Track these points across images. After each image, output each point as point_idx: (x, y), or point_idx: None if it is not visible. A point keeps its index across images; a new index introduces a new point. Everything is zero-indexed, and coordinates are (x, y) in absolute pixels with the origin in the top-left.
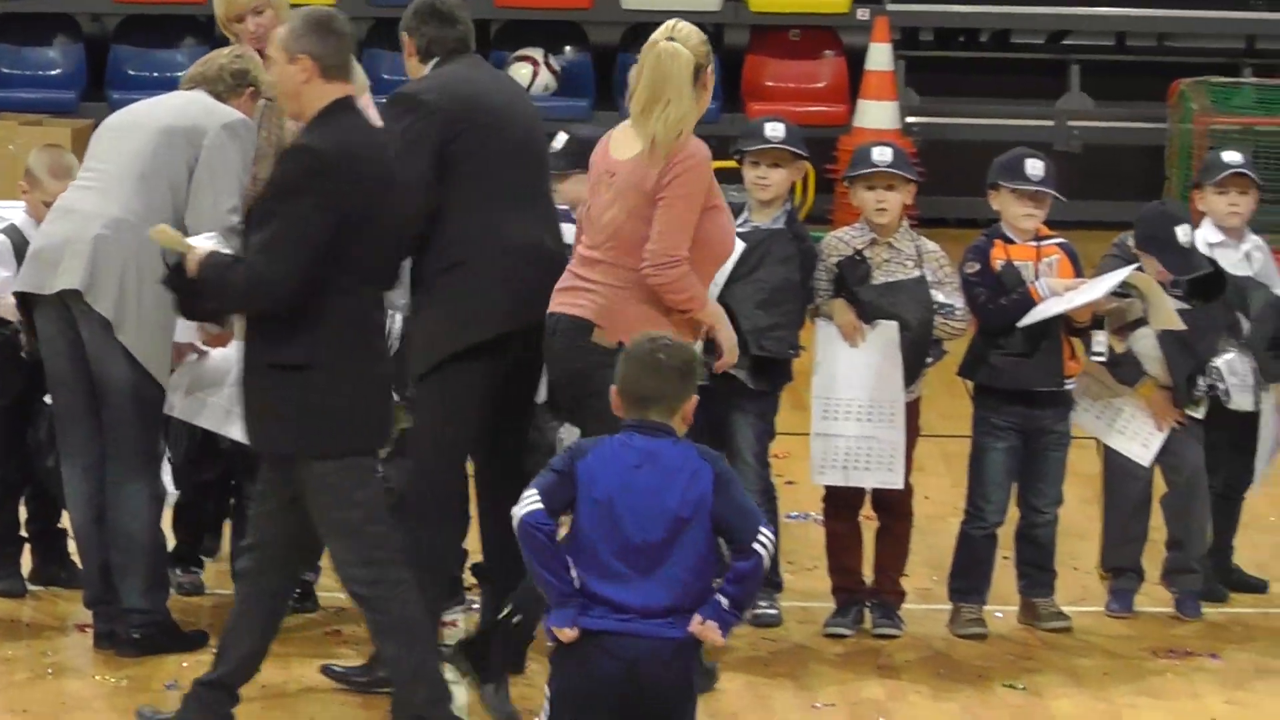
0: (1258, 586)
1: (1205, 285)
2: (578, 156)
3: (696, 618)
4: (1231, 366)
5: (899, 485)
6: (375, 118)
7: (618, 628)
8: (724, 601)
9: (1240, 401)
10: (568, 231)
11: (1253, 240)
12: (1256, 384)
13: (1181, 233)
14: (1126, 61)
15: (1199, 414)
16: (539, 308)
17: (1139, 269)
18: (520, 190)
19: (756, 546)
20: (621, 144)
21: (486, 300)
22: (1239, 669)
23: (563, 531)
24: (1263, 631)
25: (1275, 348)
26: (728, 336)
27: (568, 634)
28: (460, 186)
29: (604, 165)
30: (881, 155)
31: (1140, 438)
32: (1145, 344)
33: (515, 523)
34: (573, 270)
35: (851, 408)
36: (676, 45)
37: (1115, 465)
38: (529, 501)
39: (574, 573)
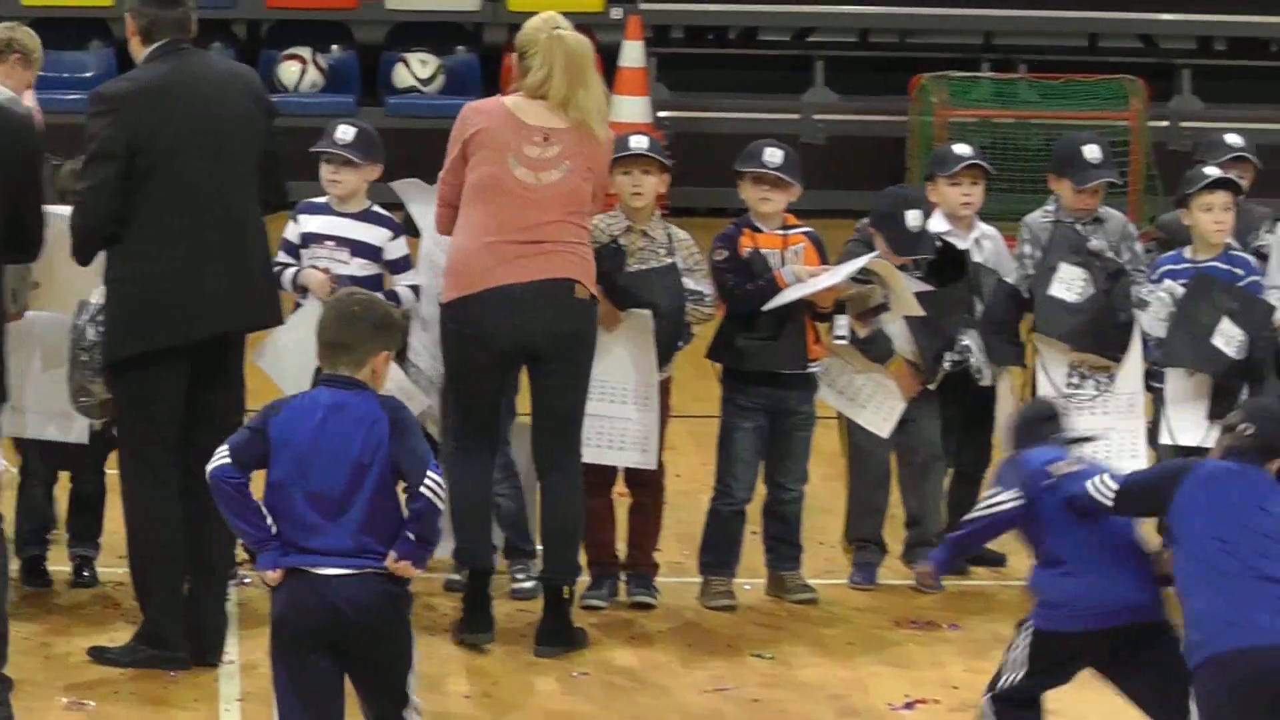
0: (996, 560)
1: (943, 268)
2: (369, 149)
3: (391, 554)
4: (978, 342)
5: (652, 465)
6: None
7: (314, 565)
8: (410, 537)
9: (987, 377)
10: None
11: (981, 228)
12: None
13: (911, 216)
14: (869, 57)
15: (931, 385)
16: (226, 316)
17: (879, 256)
18: (207, 194)
19: (424, 490)
20: (533, 113)
21: (161, 310)
22: (978, 638)
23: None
24: (1000, 603)
25: (1002, 331)
26: None
27: (272, 576)
28: (147, 191)
29: (526, 129)
30: (638, 143)
31: (881, 411)
32: (895, 325)
33: (208, 477)
34: (529, 240)
35: (606, 390)
36: (577, 34)
37: (856, 442)
38: (219, 457)
39: (269, 520)
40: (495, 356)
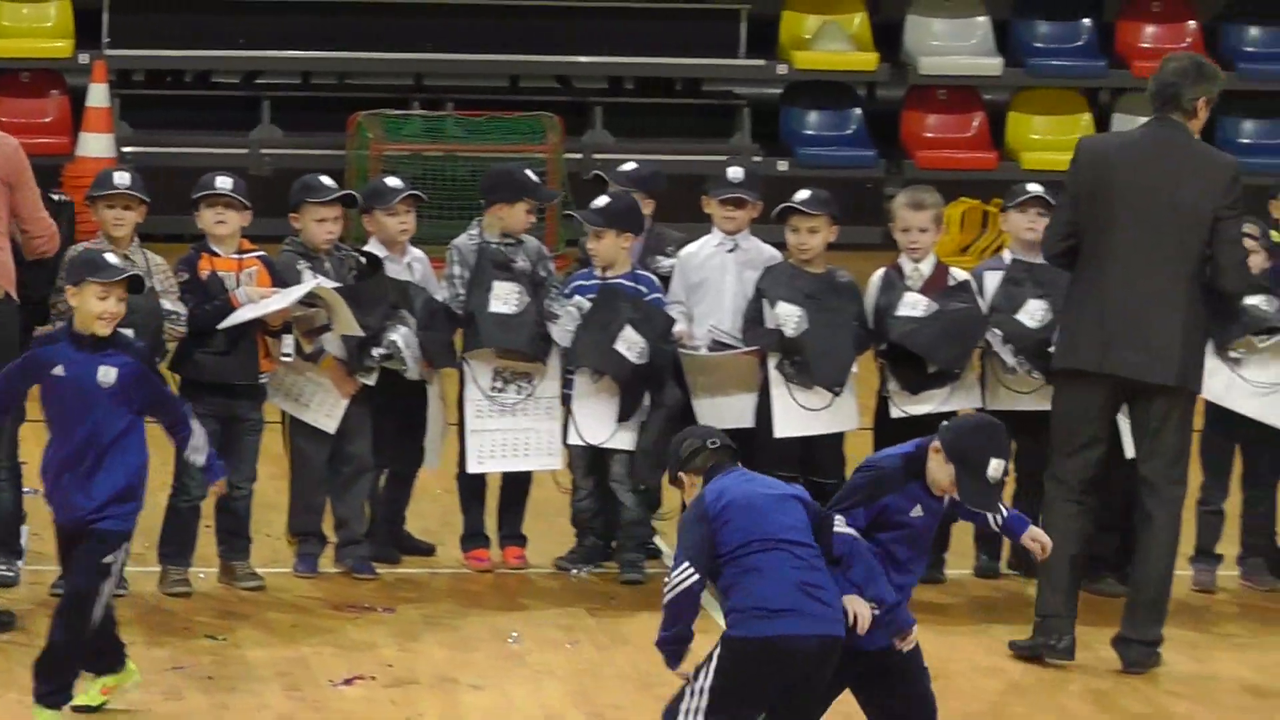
0: (426, 550)
1: (361, 271)
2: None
3: None
4: (406, 339)
5: None
6: None
7: None
8: None
9: (414, 372)
10: None
11: (413, 253)
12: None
13: None
14: (311, 97)
15: (371, 381)
16: None
17: (322, 283)
18: None
19: None
20: None
21: None
22: (409, 620)
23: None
24: (430, 589)
25: (433, 342)
26: None
27: None
28: None
29: None
30: (120, 179)
31: (324, 409)
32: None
33: None
34: None
35: None
36: None
37: (298, 445)
38: None
39: None
40: None
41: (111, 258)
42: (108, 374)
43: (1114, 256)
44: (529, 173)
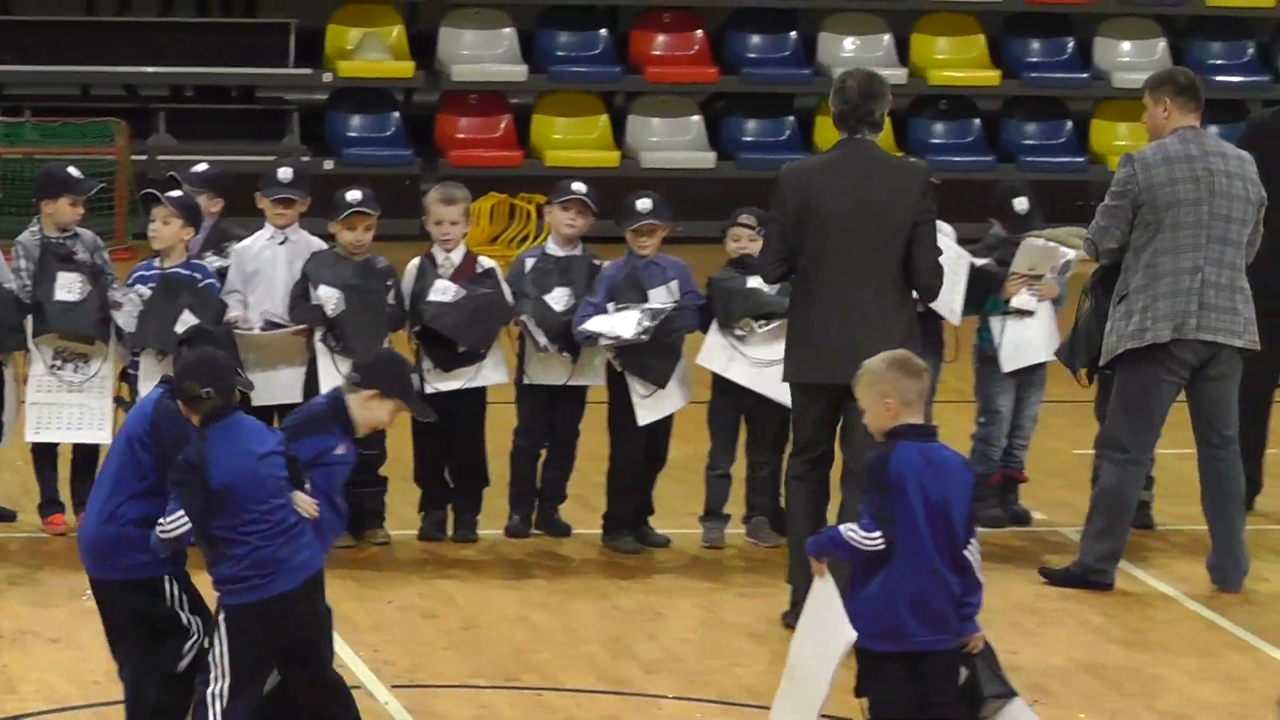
0: (8, 516)
1: None
2: None
3: None
4: None
5: None
6: None
7: None
8: None
9: None
10: None
11: None
12: None
13: None
14: None
15: None
16: None
17: None
18: None
19: None
20: None
21: None
22: None
23: None
24: (10, 552)
25: (4, 324)
26: None
27: None
28: None
29: None
30: None
31: None
32: None
33: None
34: None
35: None
36: None
37: None
38: None
39: None
40: None
41: None
42: None
43: (826, 274)
44: (71, 170)
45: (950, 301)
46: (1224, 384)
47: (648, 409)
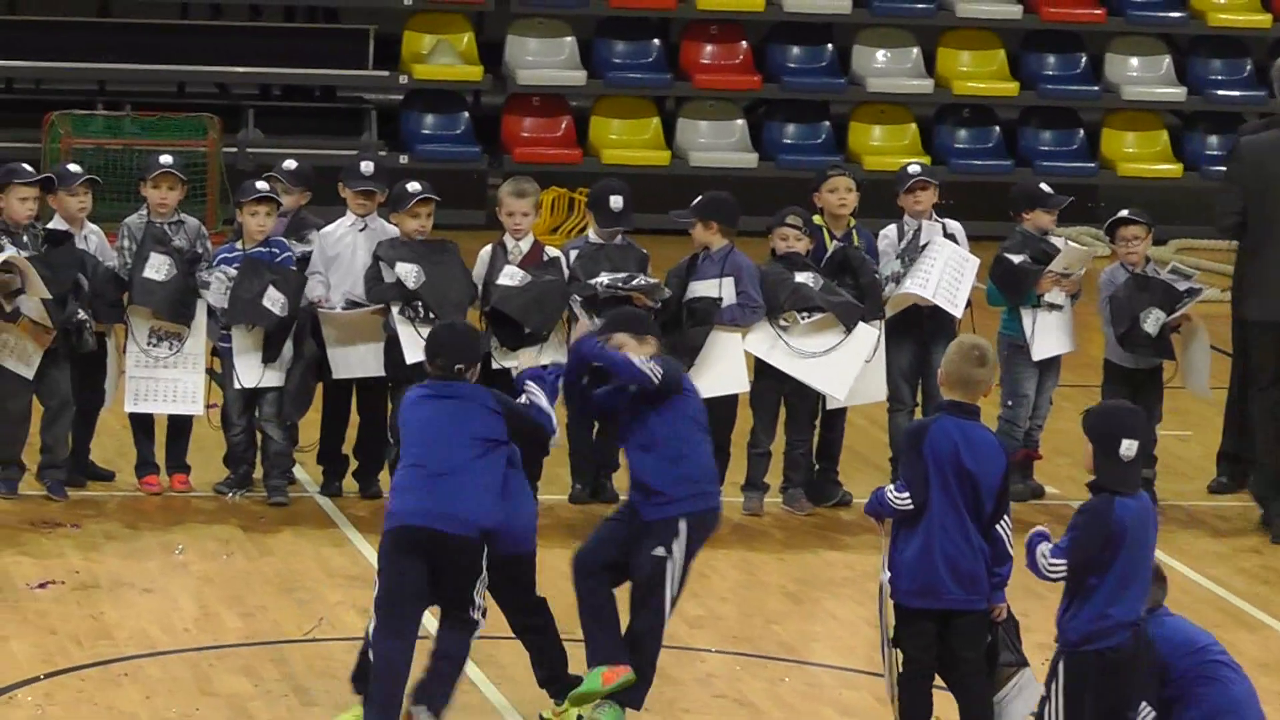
0: (106, 476)
1: (51, 243)
2: None
3: None
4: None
5: None
6: None
7: None
8: None
9: (89, 346)
10: None
11: (90, 227)
12: None
13: None
14: (10, 99)
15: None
16: None
17: (16, 253)
18: None
19: None
20: None
21: None
22: (92, 535)
23: None
24: (109, 509)
25: (105, 299)
26: None
27: None
28: None
29: None
30: None
31: (24, 359)
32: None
33: None
34: None
35: None
36: None
37: (2, 389)
38: None
39: None
40: None
41: None
42: None
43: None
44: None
45: (953, 296)
46: None
47: (707, 384)
